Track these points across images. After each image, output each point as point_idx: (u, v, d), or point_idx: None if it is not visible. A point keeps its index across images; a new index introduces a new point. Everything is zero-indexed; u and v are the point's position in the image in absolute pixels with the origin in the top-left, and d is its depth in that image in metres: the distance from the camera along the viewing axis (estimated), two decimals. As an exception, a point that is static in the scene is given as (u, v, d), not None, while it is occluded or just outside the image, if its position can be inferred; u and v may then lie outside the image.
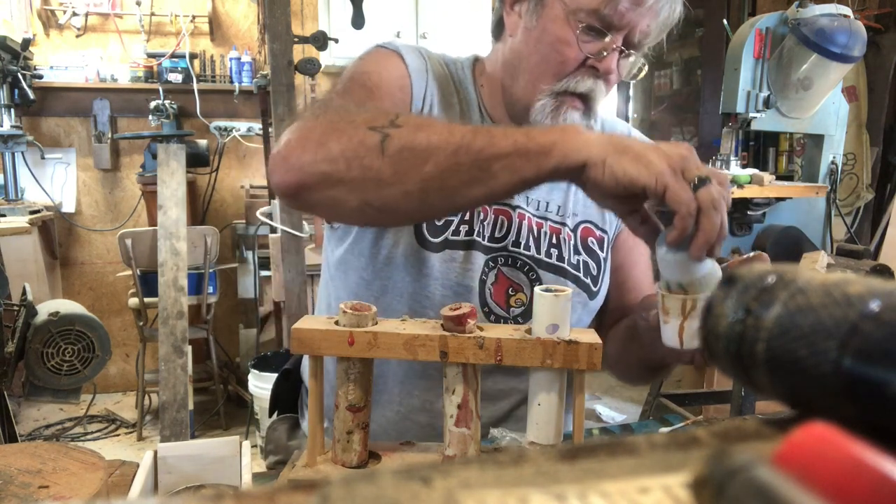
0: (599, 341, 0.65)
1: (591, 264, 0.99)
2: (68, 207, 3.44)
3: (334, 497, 0.21)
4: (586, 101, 0.91)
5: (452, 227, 0.93)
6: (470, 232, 0.93)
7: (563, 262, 0.96)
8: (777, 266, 0.30)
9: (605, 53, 0.87)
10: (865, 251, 2.07)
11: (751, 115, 2.41)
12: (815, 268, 1.69)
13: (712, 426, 0.28)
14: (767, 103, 2.40)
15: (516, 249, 0.95)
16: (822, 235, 2.62)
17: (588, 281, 0.98)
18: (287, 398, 1.12)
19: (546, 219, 0.98)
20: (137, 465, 0.81)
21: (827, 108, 2.53)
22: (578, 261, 0.98)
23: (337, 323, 0.67)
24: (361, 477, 0.22)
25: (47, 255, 3.18)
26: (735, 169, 2.51)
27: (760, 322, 0.28)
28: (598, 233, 1.00)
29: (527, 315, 0.94)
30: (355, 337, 0.65)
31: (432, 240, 0.92)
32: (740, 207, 2.46)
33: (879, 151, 3.38)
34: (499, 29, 0.98)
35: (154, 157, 3.01)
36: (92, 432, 3.04)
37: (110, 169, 3.50)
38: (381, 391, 0.94)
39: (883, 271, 1.80)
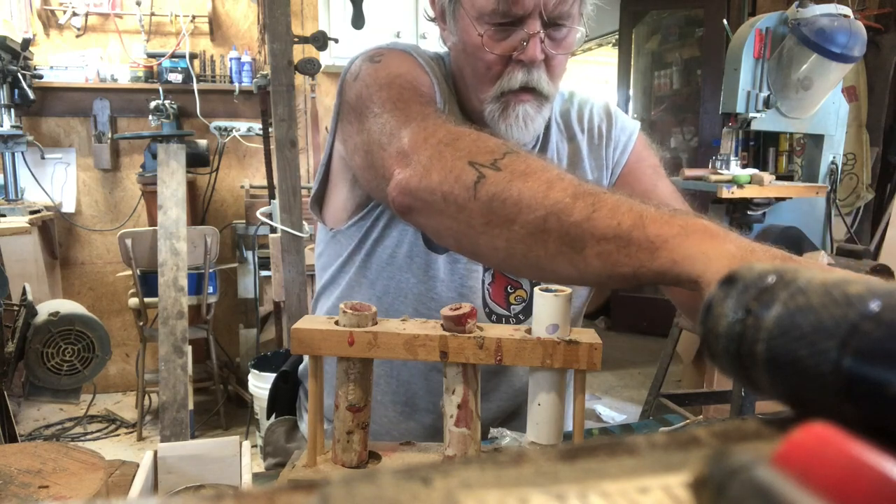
0: (599, 341, 0.65)
1: None
2: (68, 207, 3.44)
3: (334, 497, 0.21)
4: (532, 91, 0.88)
5: None
6: None
7: None
8: (777, 266, 0.30)
9: (525, 44, 0.84)
10: (865, 251, 2.07)
11: (751, 115, 2.41)
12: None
13: (712, 426, 0.28)
14: (767, 103, 2.40)
15: None
16: (822, 235, 2.62)
17: None
18: (285, 400, 1.12)
19: None
20: (137, 465, 0.81)
21: (827, 108, 2.53)
22: None
23: (337, 323, 0.67)
24: (361, 477, 0.22)
25: (47, 255, 3.18)
26: (735, 169, 2.51)
27: (760, 322, 0.28)
28: None
29: (528, 311, 0.94)
30: (355, 337, 0.65)
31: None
32: (740, 207, 2.46)
33: (879, 151, 3.38)
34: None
35: (154, 157, 3.01)
36: (92, 432, 3.04)
37: (110, 169, 3.50)
38: (385, 391, 0.94)
39: (883, 271, 1.80)
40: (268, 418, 1.13)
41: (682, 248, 0.53)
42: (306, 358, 1.08)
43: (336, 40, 2.48)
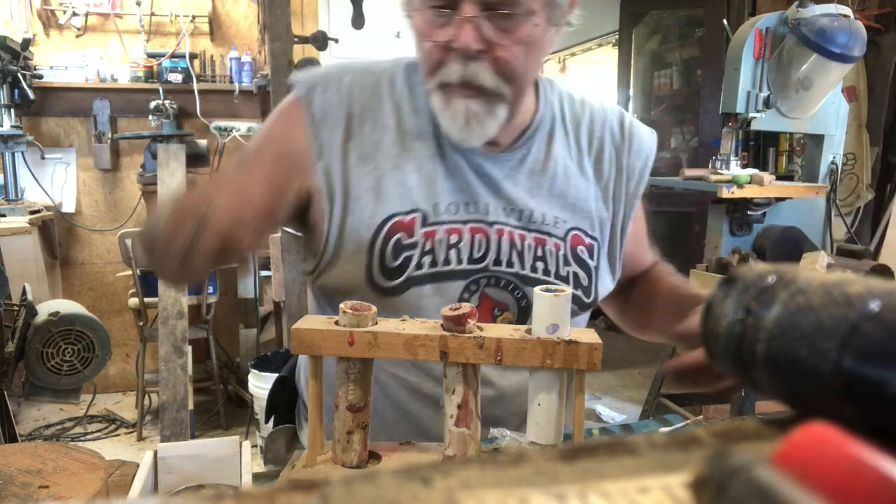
0: (599, 341, 0.65)
1: (582, 275, 0.92)
2: (68, 207, 3.44)
3: (334, 497, 0.21)
4: (477, 87, 0.81)
5: (414, 262, 0.86)
6: (434, 263, 0.87)
7: (550, 276, 0.90)
8: (777, 266, 0.30)
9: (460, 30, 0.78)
10: (865, 251, 2.08)
11: (751, 115, 2.41)
12: (815, 268, 1.69)
13: (712, 426, 0.28)
14: (767, 103, 2.40)
15: (498, 268, 0.88)
16: (822, 235, 2.62)
17: (579, 293, 0.92)
18: (283, 405, 1.11)
19: (529, 229, 0.90)
20: (137, 465, 0.81)
21: (827, 108, 2.53)
22: (568, 272, 0.91)
23: (337, 323, 0.67)
24: (361, 477, 0.22)
25: (47, 255, 3.18)
26: (735, 169, 2.51)
27: (760, 322, 0.28)
28: (587, 240, 0.94)
29: None
30: (355, 337, 0.65)
31: (392, 283, 0.86)
32: (740, 207, 2.46)
33: (879, 151, 3.38)
34: None
35: (154, 157, 3.01)
36: (92, 432, 3.04)
37: (110, 169, 3.50)
38: (387, 394, 0.94)
39: (883, 271, 1.80)
40: (266, 422, 1.12)
41: None
42: (301, 367, 1.08)
43: (336, 40, 2.48)
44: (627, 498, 0.22)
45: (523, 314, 0.90)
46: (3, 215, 2.83)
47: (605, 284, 0.97)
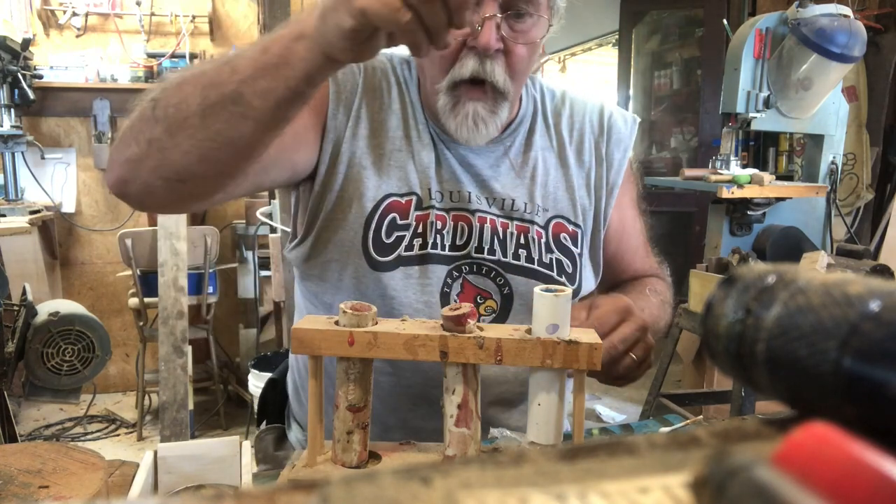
0: (599, 341, 0.65)
1: (566, 262, 0.94)
2: (68, 207, 3.44)
3: (334, 497, 0.21)
4: (484, 86, 0.84)
5: (405, 243, 0.89)
6: (424, 245, 0.89)
7: (534, 263, 0.91)
8: (777, 266, 0.30)
9: (478, 28, 0.79)
10: (865, 251, 2.08)
11: (751, 115, 2.41)
12: (815, 268, 1.69)
13: (712, 426, 0.28)
14: (767, 103, 2.40)
15: (480, 255, 0.90)
16: (822, 235, 2.62)
17: (563, 280, 0.93)
18: (274, 407, 1.13)
19: (511, 218, 0.92)
20: (137, 465, 0.81)
21: (827, 108, 2.53)
22: (551, 259, 0.93)
23: (337, 323, 0.67)
24: (361, 477, 0.22)
25: (47, 255, 3.18)
26: (735, 169, 2.51)
27: (760, 322, 0.28)
28: (570, 227, 0.95)
29: (498, 321, 0.90)
30: (355, 337, 0.65)
31: (383, 259, 0.88)
32: (740, 207, 2.46)
33: (879, 151, 3.38)
34: None
35: (154, 157, 3.01)
36: (92, 432, 3.04)
37: (110, 169, 3.50)
38: (391, 404, 0.94)
39: (883, 271, 1.80)
40: (258, 426, 1.14)
41: (298, 45, 0.62)
42: (292, 368, 1.09)
43: (336, 40, 2.47)
44: (627, 498, 0.22)
45: (506, 302, 0.91)
46: (3, 215, 2.83)
47: (588, 278, 0.98)
